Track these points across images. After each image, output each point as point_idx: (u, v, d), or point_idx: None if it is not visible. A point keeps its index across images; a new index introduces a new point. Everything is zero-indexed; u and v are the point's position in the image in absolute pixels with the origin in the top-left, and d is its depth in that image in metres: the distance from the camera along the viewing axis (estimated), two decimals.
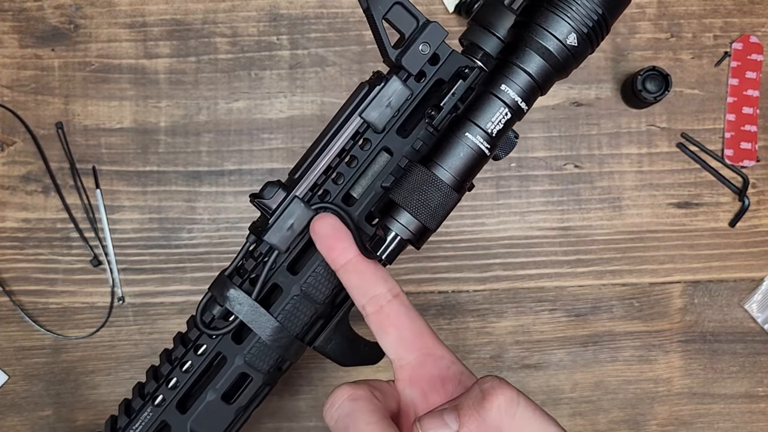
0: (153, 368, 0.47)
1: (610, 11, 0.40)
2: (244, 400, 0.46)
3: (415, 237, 0.41)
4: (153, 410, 0.45)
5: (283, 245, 0.43)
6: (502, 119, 0.40)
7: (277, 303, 0.45)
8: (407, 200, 0.40)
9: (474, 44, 0.43)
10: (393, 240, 0.41)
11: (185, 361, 0.46)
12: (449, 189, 0.40)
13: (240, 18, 0.70)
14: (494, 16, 0.42)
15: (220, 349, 0.45)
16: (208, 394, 0.45)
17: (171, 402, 0.45)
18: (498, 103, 0.40)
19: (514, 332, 0.70)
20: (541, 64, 0.40)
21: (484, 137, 0.40)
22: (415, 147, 0.44)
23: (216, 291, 0.45)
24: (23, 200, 0.69)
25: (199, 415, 0.45)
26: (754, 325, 0.70)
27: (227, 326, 0.44)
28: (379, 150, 0.44)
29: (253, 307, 0.44)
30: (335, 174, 0.44)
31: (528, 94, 0.40)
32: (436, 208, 0.40)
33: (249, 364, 0.45)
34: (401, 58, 0.43)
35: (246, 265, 0.45)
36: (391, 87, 0.43)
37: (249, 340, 0.45)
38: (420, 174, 0.40)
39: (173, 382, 0.46)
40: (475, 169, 0.41)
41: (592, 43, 0.40)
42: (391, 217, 0.40)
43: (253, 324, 0.44)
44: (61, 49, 0.69)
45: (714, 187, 0.70)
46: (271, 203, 0.43)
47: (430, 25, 0.43)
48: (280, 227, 0.43)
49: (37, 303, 0.68)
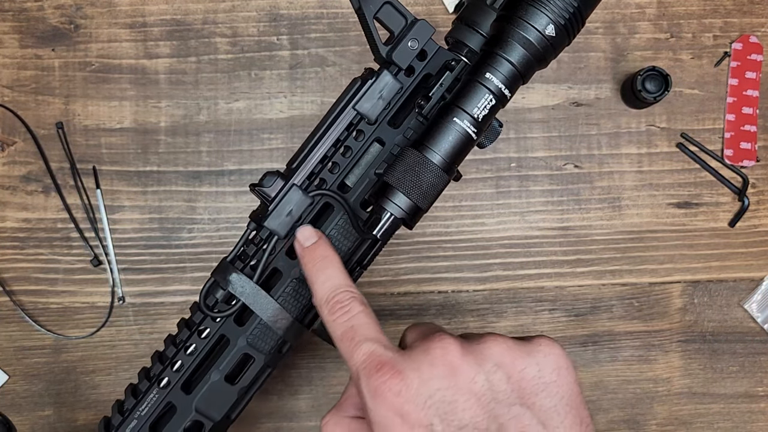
0: (158, 353, 0.49)
1: (585, 4, 0.44)
2: (246, 381, 0.48)
3: (408, 216, 0.44)
4: (159, 392, 0.47)
5: (283, 230, 0.46)
6: (488, 105, 0.43)
7: (277, 286, 0.47)
8: (401, 181, 0.43)
9: (459, 41, 0.47)
10: (388, 219, 0.44)
11: (189, 344, 0.47)
12: (439, 170, 0.43)
13: (240, 18, 0.70)
14: (477, 15, 0.46)
15: (223, 332, 0.47)
16: (212, 375, 0.47)
17: (176, 383, 0.47)
18: (483, 90, 0.43)
19: (514, 332, 0.70)
20: (522, 54, 0.43)
21: (471, 122, 0.43)
22: (406, 136, 0.47)
23: (219, 276, 0.47)
24: (23, 200, 0.69)
25: (203, 396, 0.47)
26: (754, 325, 0.70)
27: (230, 309, 0.46)
28: (372, 141, 0.47)
29: (255, 290, 0.46)
30: (331, 163, 0.47)
31: (511, 82, 0.44)
32: (428, 188, 0.43)
33: (251, 345, 0.47)
34: (391, 54, 0.46)
35: (247, 251, 0.47)
36: (382, 80, 0.46)
37: (251, 322, 0.47)
38: (412, 157, 0.43)
39: (178, 364, 0.47)
40: (463, 152, 0.44)
41: (569, 34, 0.44)
42: (386, 198, 0.43)
43: (255, 306, 0.46)
44: (61, 49, 0.69)
45: (714, 187, 0.70)
46: (270, 191, 0.46)
47: (418, 23, 0.46)
48: (280, 213, 0.46)
49: (37, 303, 0.68)
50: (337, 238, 0.47)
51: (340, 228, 0.47)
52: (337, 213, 0.47)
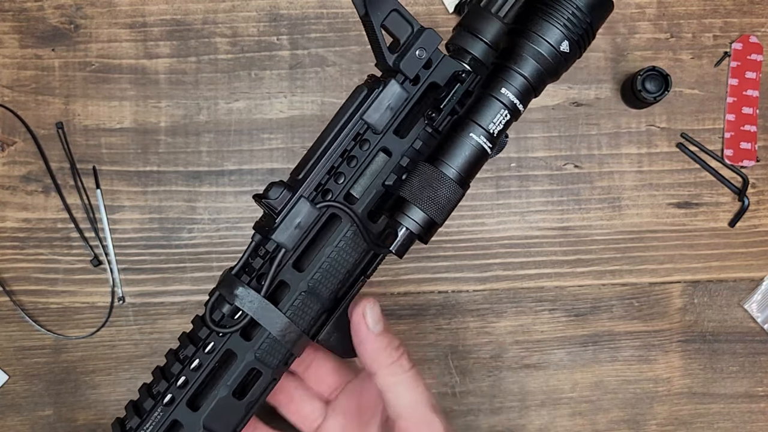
0: (160, 368, 0.47)
1: (597, 20, 0.44)
2: (254, 396, 0.47)
3: (423, 231, 0.43)
4: (163, 410, 0.46)
5: (291, 243, 0.45)
6: (503, 120, 0.44)
7: (285, 299, 0.46)
8: (417, 196, 0.43)
9: (462, 49, 0.46)
10: (404, 235, 0.43)
11: (194, 360, 0.46)
12: (455, 185, 0.43)
13: (240, 18, 0.70)
14: (481, 22, 0.46)
15: (229, 347, 0.46)
16: (219, 391, 0.46)
17: (181, 400, 0.46)
18: (498, 105, 0.43)
19: (514, 332, 0.70)
20: (536, 69, 0.43)
21: (486, 137, 0.43)
22: (416, 147, 0.46)
23: (224, 290, 0.45)
24: (23, 200, 0.69)
25: (211, 412, 0.46)
26: (754, 325, 0.70)
27: (237, 324, 0.45)
28: (377, 150, 0.46)
29: (263, 304, 0.45)
30: (336, 174, 0.45)
31: (524, 96, 0.44)
32: (444, 203, 0.43)
33: (259, 359, 0.46)
34: (399, 63, 0.45)
35: (254, 263, 0.46)
36: (390, 90, 0.45)
37: (259, 337, 0.46)
38: (428, 171, 0.43)
39: (182, 380, 0.46)
40: (477, 166, 0.44)
41: (580, 48, 0.45)
42: (401, 212, 0.43)
43: (264, 320, 0.45)
44: (61, 49, 0.69)
45: (714, 187, 0.70)
46: (276, 203, 0.45)
47: (426, 32, 0.45)
48: (288, 226, 0.45)
49: (37, 303, 0.68)
50: (345, 250, 0.46)
51: (348, 240, 0.46)
52: (345, 224, 0.46)
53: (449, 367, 0.69)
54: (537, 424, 0.70)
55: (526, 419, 0.70)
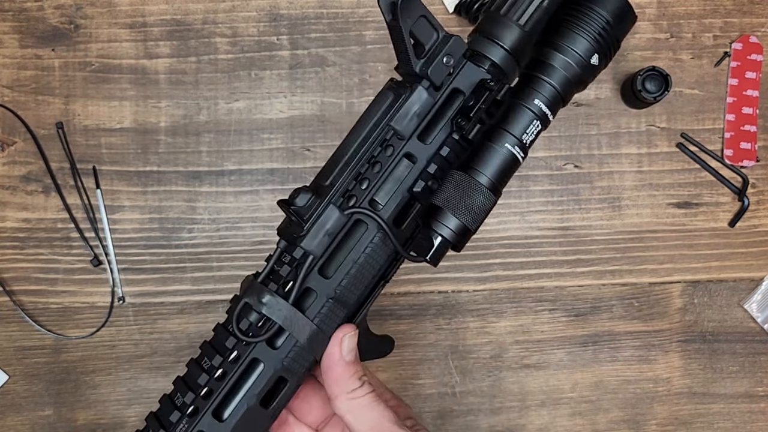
0: (180, 378, 0.46)
1: (622, 33, 0.47)
2: (280, 404, 0.46)
3: (457, 239, 0.44)
4: (188, 421, 0.45)
5: (320, 250, 0.45)
6: (535, 131, 0.46)
7: (312, 307, 0.45)
8: (452, 204, 0.44)
9: (481, 54, 0.46)
10: (440, 243, 0.44)
11: (218, 369, 0.45)
12: (490, 193, 0.45)
13: (240, 18, 0.70)
14: (498, 28, 0.46)
15: (255, 355, 0.45)
16: (246, 401, 0.45)
17: (207, 411, 0.45)
18: (531, 116, 0.45)
19: (514, 332, 0.70)
20: (566, 80, 0.46)
21: (520, 146, 0.45)
22: (443, 154, 0.46)
23: (251, 298, 0.44)
24: (24, 200, 0.69)
25: (239, 423, 0.45)
26: (754, 325, 0.70)
27: (265, 333, 0.44)
28: (401, 156, 0.46)
29: (291, 312, 0.44)
30: (361, 179, 0.45)
31: (554, 106, 0.46)
32: (478, 211, 0.44)
33: (287, 368, 0.45)
34: (426, 69, 0.45)
35: (281, 271, 0.45)
36: (417, 96, 0.45)
37: (286, 345, 0.45)
38: (463, 180, 0.44)
39: (205, 391, 0.45)
40: (509, 174, 0.46)
41: (607, 61, 0.47)
42: (436, 221, 0.44)
43: (293, 328, 0.44)
44: (61, 49, 0.69)
45: (714, 187, 0.70)
46: (304, 210, 0.44)
47: (453, 38, 0.45)
48: (317, 233, 0.44)
49: (37, 303, 0.68)
50: (373, 256, 0.45)
51: (375, 246, 0.45)
52: (372, 231, 0.45)
53: (449, 367, 0.69)
54: (537, 424, 0.70)
55: (526, 419, 0.70)
